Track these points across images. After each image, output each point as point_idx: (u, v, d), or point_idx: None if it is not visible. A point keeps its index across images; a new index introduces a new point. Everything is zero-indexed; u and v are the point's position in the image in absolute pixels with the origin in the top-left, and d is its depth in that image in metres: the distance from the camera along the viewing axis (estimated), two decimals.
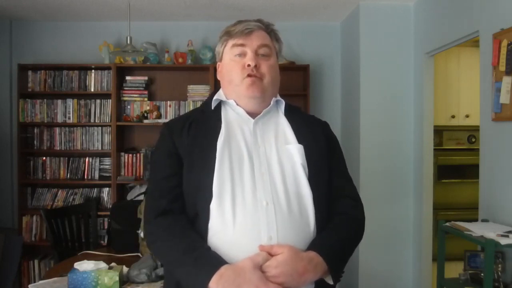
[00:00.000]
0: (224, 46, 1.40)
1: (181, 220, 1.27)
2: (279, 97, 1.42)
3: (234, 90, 1.36)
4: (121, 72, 4.23)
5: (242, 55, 1.35)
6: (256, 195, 1.24)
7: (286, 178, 1.28)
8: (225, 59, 1.40)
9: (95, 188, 4.24)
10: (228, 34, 1.38)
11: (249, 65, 1.32)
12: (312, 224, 1.27)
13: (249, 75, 1.33)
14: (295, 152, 1.31)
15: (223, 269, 1.15)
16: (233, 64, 1.36)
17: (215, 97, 1.41)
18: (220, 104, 1.41)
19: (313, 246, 1.24)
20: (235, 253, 1.19)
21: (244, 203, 1.23)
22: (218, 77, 1.45)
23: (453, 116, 4.74)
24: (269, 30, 1.41)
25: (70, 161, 4.24)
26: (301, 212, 1.26)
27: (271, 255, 1.18)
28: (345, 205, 1.35)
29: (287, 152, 1.32)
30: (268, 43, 1.38)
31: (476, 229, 2.35)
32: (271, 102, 1.38)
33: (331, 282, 1.25)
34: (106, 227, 4.01)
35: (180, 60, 4.17)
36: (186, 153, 1.31)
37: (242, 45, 1.35)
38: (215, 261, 1.17)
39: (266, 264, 1.17)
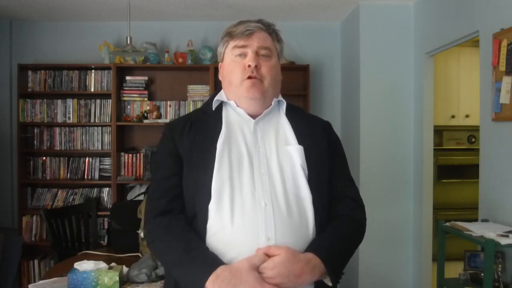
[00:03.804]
0: (226, 47, 1.40)
1: (180, 220, 1.27)
2: (281, 98, 1.42)
3: (235, 91, 1.36)
4: (121, 72, 4.23)
5: (243, 55, 1.35)
6: (255, 196, 1.24)
7: (285, 179, 1.28)
8: (226, 60, 1.40)
9: (95, 188, 4.24)
10: (229, 35, 1.38)
11: (249, 66, 1.32)
12: (311, 225, 1.27)
13: (249, 77, 1.32)
14: (294, 153, 1.31)
15: (219, 270, 1.15)
16: (234, 65, 1.35)
17: (216, 98, 1.41)
18: (221, 104, 1.41)
19: (311, 247, 1.24)
20: (233, 253, 1.20)
21: (243, 204, 1.23)
22: (220, 78, 1.45)
23: (453, 116, 4.74)
24: (270, 30, 1.40)
25: (70, 161, 4.24)
26: (300, 213, 1.26)
27: (268, 256, 1.18)
28: (345, 206, 1.35)
29: (286, 153, 1.32)
30: (269, 44, 1.37)
31: (476, 229, 2.35)
32: (272, 103, 1.38)
33: (330, 283, 1.25)
34: (106, 227, 4.01)
35: (180, 60, 4.17)
36: (186, 154, 1.31)
37: (243, 46, 1.35)
38: (212, 262, 1.18)
39: (263, 265, 1.17)
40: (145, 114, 4.19)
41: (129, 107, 4.26)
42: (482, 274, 2.34)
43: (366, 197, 1.48)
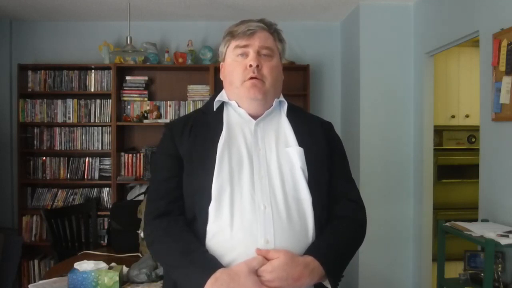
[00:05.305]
0: (227, 46, 1.39)
1: (179, 221, 1.27)
2: (282, 98, 1.41)
3: (235, 91, 1.36)
4: (121, 72, 4.23)
5: (245, 55, 1.34)
6: (254, 199, 1.23)
7: (285, 182, 1.27)
8: (227, 60, 1.39)
9: (95, 188, 4.24)
10: (231, 34, 1.37)
11: (251, 66, 1.31)
12: (310, 228, 1.26)
13: (250, 78, 1.32)
14: (294, 156, 1.30)
15: (218, 273, 1.15)
16: (235, 65, 1.35)
17: (217, 98, 1.40)
18: (222, 105, 1.40)
19: (310, 250, 1.23)
20: (232, 256, 1.20)
21: (242, 206, 1.23)
22: (221, 78, 1.44)
23: (453, 116, 4.74)
24: (272, 30, 1.39)
25: (70, 161, 4.24)
26: (299, 216, 1.25)
27: (267, 259, 1.18)
28: (346, 208, 1.34)
29: (286, 155, 1.31)
30: (270, 44, 1.36)
31: (476, 229, 2.35)
32: (273, 104, 1.37)
33: (329, 286, 1.24)
34: (106, 227, 4.01)
35: (180, 60, 4.17)
36: (187, 155, 1.31)
37: (244, 46, 1.34)
38: (211, 264, 1.18)
39: (262, 269, 1.17)
40: (145, 114, 4.19)
41: (129, 107, 4.26)
42: (482, 274, 2.34)
43: (366, 197, 1.48)
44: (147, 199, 1.37)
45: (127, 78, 4.25)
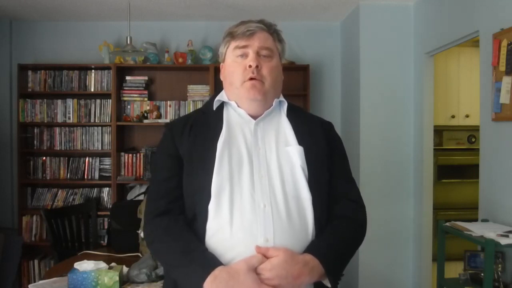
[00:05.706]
0: (227, 47, 1.39)
1: (179, 220, 1.27)
2: (282, 98, 1.41)
3: (235, 92, 1.36)
4: (121, 72, 4.23)
5: (244, 56, 1.34)
6: (254, 198, 1.24)
7: (285, 180, 1.28)
8: (227, 61, 1.39)
9: (95, 188, 4.24)
10: (230, 35, 1.37)
11: (250, 66, 1.32)
12: (310, 227, 1.26)
13: (250, 78, 1.32)
14: (294, 154, 1.31)
15: (217, 271, 1.15)
16: (235, 66, 1.35)
17: (217, 98, 1.40)
18: (222, 105, 1.40)
19: (310, 249, 1.24)
20: (231, 254, 1.20)
21: (242, 205, 1.23)
22: (221, 78, 1.45)
23: (453, 116, 4.74)
24: (271, 31, 1.39)
25: (70, 161, 4.24)
26: (299, 214, 1.25)
27: (266, 257, 1.18)
28: (346, 208, 1.34)
29: (286, 154, 1.31)
30: (270, 44, 1.37)
31: (476, 229, 2.35)
32: (273, 104, 1.37)
33: (329, 285, 1.24)
34: (106, 227, 4.01)
35: (180, 60, 4.17)
36: (187, 155, 1.31)
37: (244, 46, 1.34)
38: (210, 263, 1.18)
39: (261, 267, 1.17)
40: (145, 114, 4.19)
41: (129, 107, 4.26)
42: (482, 274, 2.34)
43: (366, 197, 1.48)
44: (147, 198, 1.38)
45: (127, 78, 4.26)
